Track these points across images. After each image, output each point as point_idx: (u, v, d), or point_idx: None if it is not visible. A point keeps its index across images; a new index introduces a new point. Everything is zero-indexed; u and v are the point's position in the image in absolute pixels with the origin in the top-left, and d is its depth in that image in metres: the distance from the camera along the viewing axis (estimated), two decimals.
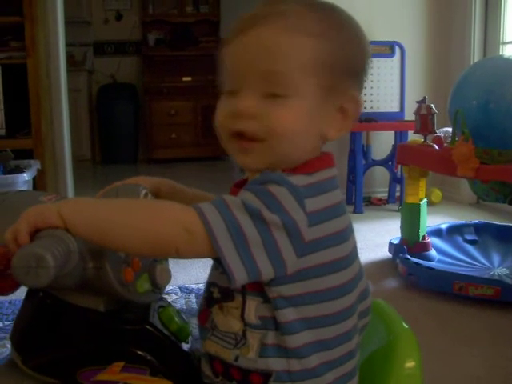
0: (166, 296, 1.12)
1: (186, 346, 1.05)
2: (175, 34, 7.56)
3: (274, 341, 0.85)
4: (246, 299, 0.86)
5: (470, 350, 2.28)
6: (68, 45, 4.65)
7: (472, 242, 3.33)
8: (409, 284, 2.89)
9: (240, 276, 0.79)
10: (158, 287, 1.01)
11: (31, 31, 3.93)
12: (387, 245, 3.25)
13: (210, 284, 0.94)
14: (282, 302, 0.84)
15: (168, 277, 1.02)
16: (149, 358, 0.99)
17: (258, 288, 0.85)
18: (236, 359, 0.88)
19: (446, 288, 2.71)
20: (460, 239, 3.37)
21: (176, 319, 1.03)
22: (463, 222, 3.58)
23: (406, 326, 1.09)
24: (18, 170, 3.55)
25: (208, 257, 0.82)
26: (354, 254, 0.92)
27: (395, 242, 3.18)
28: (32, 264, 0.75)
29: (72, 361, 0.98)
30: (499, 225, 3.47)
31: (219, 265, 0.82)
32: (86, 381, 0.98)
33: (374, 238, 3.64)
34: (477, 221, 3.59)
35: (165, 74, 7.35)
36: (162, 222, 0.81)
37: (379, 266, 3.19)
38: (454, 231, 3.43)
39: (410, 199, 3.13)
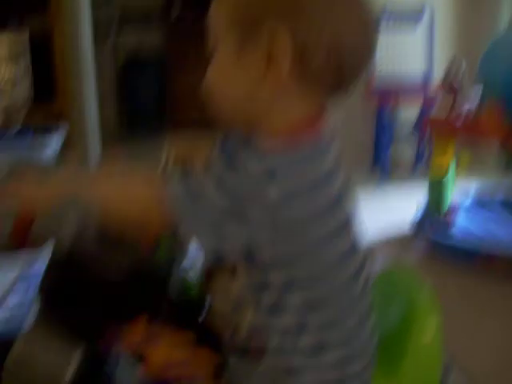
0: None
1: None
2: None
3: (268, 302, 0.87)
4: (236, 265, 0.89)
5: (493, 322, 2.30)
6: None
7: (496, 217, 3.29)
8: (432, 257, 2.87)
9: (211, 246, 0.81)
10: (177, 255, 1.02)
11: None
12: (411, 217, 3.22)
13: None
14: (267, 266, 0.85)
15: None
16: (167, 324, 1.01)
17: (246, 254, 0.85)
18: (236, 324, 0.91)
19: (468, 262, 2.70)
20: (484, 214, 3.33)
21: (194, 289, 1.05)
22: (489, 193, 3.54)
23: (428, 294, 1.09)
24: (47, 132, 3.60)
25: (180, 229, 0.81)
26: (344, 226, 0.90)
27: (418, 215, 3.15)
28: (52, 231, 0.77)
29: (94, 323, 1.00)
30: None
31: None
32: (106, 342, 1.00)
33: (398, 210, 3.60)
34: (502, 196, 3.54)
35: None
36: (131, 194, 0.84)
37: (402, 238, 3.16)
38: (477, 206, 3.39)
39: (436, 168, 3.07)
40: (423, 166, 4.38)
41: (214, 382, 1.03)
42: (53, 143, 3.47)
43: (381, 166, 4.39)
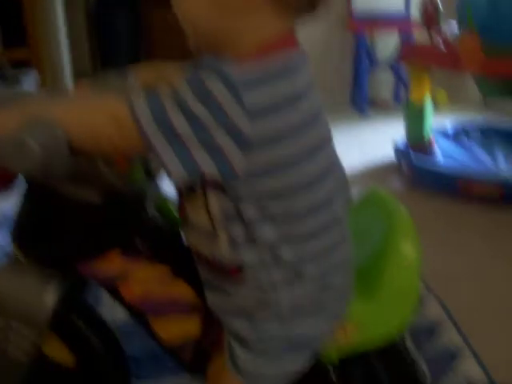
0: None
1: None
2: None
3: (242, 234, 0.85)
4: (207, 193, 0.85)
5: (473, 243, 2.34)
6: None
7: (478, 144, 3.29)
8: (413, 185, 2.89)
9: (177, 172, 0.77)
10: (152, 177, 1.00)
11: None
12: (392, 147, 3.22)
13: None
14: (241, 198, 0.82)
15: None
16: (146, 245, 0.99)
17: (217, 183, 0.82)
18: (211, 253, 0.89)
19: (450, 188, 2.71)
20: (466, 141, 3.34)
21: (173, 210, 1.03)
22: (469, 123, 3.54)
23: (405, 213, 1.08)
24: (16, 80, 3.49)
25: (145, 151, 0.78)
26: (318, 146, 0.86)
27: (400, 143, 3.16)
28: (15, 148, 0.74)
29: (70, 251, 0.99)
30: (505, 125, 3.42)
31: None
32: (84, 270, 0.99)
33: (379, 139, 3.61)
34: (483, 122, 3.55)
35: None
36: (93, 113, 0.80)
37: (383, 167, 3.18)
38: (459, 132, 3.40)
39: (413, 98, 3.06)
40: (403, 95, 4.36)
41: (193, 313, 1.03)
42: (25, 88, 3.38)
43: (360, 96, 4.36)
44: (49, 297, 1.01)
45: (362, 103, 4.34)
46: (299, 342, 0.92)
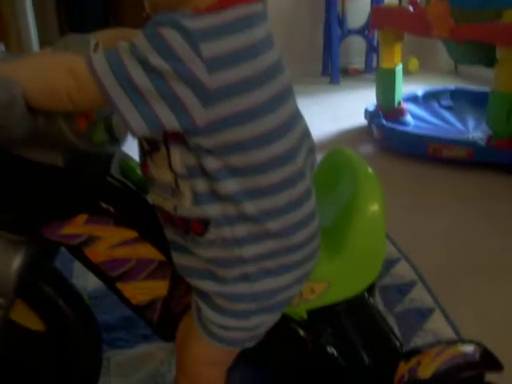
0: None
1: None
2: None
3: (205, 188, 0.84)
4: (170, 149, 0.84)
5: (443, 203, 2.38)
6: None
7: (448, 108, 3.32)
8: (384, 149, 2.91)
9: (138, 125, 0.76)
10: (115, 138, 0.98)
11: None
12: (363, 113, 3.23)
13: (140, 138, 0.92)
14: (203, 151, 0.82)
15: (127, 133, 0.99)
16: (111, 208, 0.99)
17: (179, 139, 0.82)
18: (175, 209, 0.88)
19: (420, 150, 2.74)
20: (436, 105, 3.36)
21: (138, 171, 1.02)
22: (440, 88, 3.56)
23: (371, 171, 1.09)
24: None
25: (104, 106, 0.77)
26: (280, 98, 0.85)
27: (371, 108, 3.17)
28: None
29: (34, 216, 0.98)
30: (475, 90, 3.45)
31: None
32: (50, 235, 0.98)
33: (351, 107, 3.62)
34: (453, 87, 3.57)
35: None
36: (50, 68, 0.79)
37: (355, 133, 3.20)
38: (430, 97, 3.41)
39: (384, 64, 3.08)
40: (375, 64, 4.36)
41: (159, 275, 1.03)
42: None
43: (332, 65, 4.35)
44: (14, 262, 1.00)
45: (333, 71, 4.34)
46: (265, 300, 0.93)
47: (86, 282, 1.72)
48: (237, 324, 0.94)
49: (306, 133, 0.94)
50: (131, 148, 1.00)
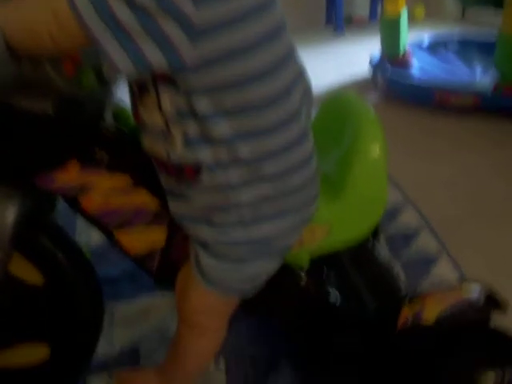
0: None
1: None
2: None
3: (197, 132, 0.81)
4: (159, 90, 0.81)
5: (450, 151, 2.35)
6: None
7: (455, 55, 3.24)
8: (390, 98, 2.86)
9: (123, 64, 0.73)
10: (105, 83, 0.95)
11: None
12: (368, 62, 3.17)
13: (129, 82, 0.89)
14: (193, 92, 0.78)
15: (118, 77, 0.96)
16: (105, 156, 0.96)
17: (168, 79, 0.79)
18: (168, 155, 0.86)
19: (426, 99, 2.69)
20: (443, 52, 3.28)
21: (131, 119, 0.99)
22: (446, 35, 3.48)
23: (372, 114, 1.06)
24: None
25: (87, 44, 0.73)
26: (272, 34, 0.81)
27: (376, 57, 3.10)
28: None
29: (26, 166, 0.96)
30: (483, 36, 3.36)
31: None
32: (44, 185, 0.96)
33: (355, 56, 3.54)
34: (460, 33, 3.48)
35: None
36: (29, 7, 0.75)
37: (360, 83, 3.13)
38: (436, 45, 3.34)
39: (388, 12, 2.99)
40: (379, 12, 4.27)
41: (157, 222, 1.01)
42: None
43: (336, 14, 4.26)
44: (9, 214, 0.99)
45: (337, 21, 4.25)
46: (262, 246, 0.91)
47: (89, 237, 1.71)
48: (233, 269, 0.92)
49: (301, 73, 0.90)
50: (127, 97, 0.97)
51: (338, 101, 1.16)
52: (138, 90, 0.85)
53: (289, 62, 0.85)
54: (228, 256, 0.91)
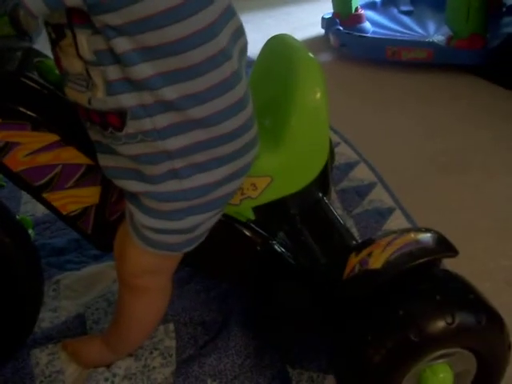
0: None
1: None
2: None
3: (118, 75, 0.76)
4: (76, 33, 0.75)
5: (404, 105, 2.33)
6: None
7: (407, 13, 3.20)
8: (343, 56, 2.82)
9: (34, 3, 0.68)
10: (23, 32, 0.89)
11: None
12: (321, 17, 3.12)
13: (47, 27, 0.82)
14: (111, 31, 0.72)
15: (35, 23, 0.89)
16: (28, 111, 0.90)
17: (84, 20, 0.73)
18: (89, 102, 0.80)
19: (379, 55, 2.65)
20: (395, 11, 3.23)
21: (56, 71, 0.92)
22: None
23: (311, 56, 1.01)
24: None
25: None
26: None
27: (327, 16, 3.05)
28: None
29: None
30: None
31: None
32: None
33: (307, 17, 3.48)
34: None
35: None
36: None
37: (313, 42, 3.08)
38: (389, 3, 3.28)
39: None
40: None
41: (88, 181, 0.96)
42: None
43: None
44: None
45: None
46: (198, 199, 0.86)
47: (35, 207, 1.64)
48: (170, 226, 0.87)
49: (231, 9, 0.84)
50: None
51: (276, 43, 1.11)
52: (55, 35, 0.79)
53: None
54: (162, 211, 0.86)
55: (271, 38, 1.11)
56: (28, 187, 0.95)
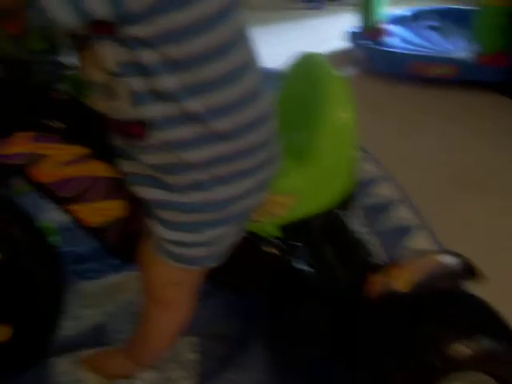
0: None
1: None
2: None
3: (142, 86, 0.77)
4: (99, 44, 0.76)
5: (430, 122, 2.32)
6: None
7: (435, 28, 3.19)
8: (368, 71, 2.82)
9: (63, 14, 0.69)
10: (53, 46, 0.90)
11: None
12: (346, 32, 3.11)
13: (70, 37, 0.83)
14: (136, 43, 0.73)
15: (64, 36, 0.90)
16: (58, 124, 0.91)
17: (109, 31, 0.74)
18: (114, 112, 0.81)
19: (404, 69, 2.65)
20: (423, 26, 3.23)
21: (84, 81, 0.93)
22: (427, 8, 3.42)
23: (339, 75, 1.01)
24: None
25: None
26: None
27: (353, 30, 3.04)
28: None
29: None
30: (464, 9, 3.31)
31: None
32: None
33: (333, 30, 3.48)
34: (441, 6, 3.43)
35: None
36: None
37: (338, 56, 3.08)
38: (417, 18, 3.28)
39: None
40: None
41: (115, 194, 0.96)
42: None
43: None
44: None
45: None
46: (218, 211, 0.86)
47: (58, 215, 1.65)
48: (190, 238, 0.88)
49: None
50: None
51: (307, 64, 1.11)
52: (82, 47, 0.80)
53: (234, 11, 0.80)
54: (181, 222, 0.86)
55: (299, 55, 1.11)
56: (54, 198, 0.96)
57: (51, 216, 1.65)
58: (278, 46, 3.08)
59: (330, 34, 3.45)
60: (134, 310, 1.29)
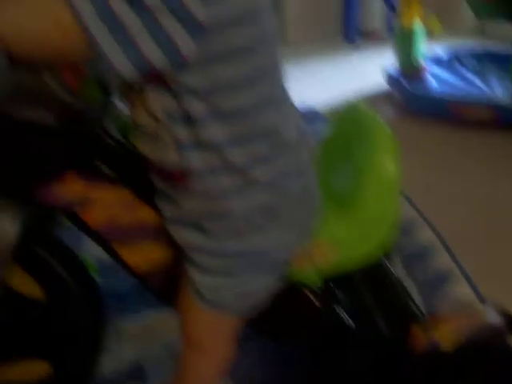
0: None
1: None
2: None
3: (188, 136, 0.78)
4: (147, 92, 0.77)
5: (467, 167, 2.30)
6: None
7: (473, 71, 3.18)
8: (406, 112, 2.81)
9: (122, 64, 0.69)
10: (109, 94, 0.92)
11: None
12: (383, 75, 3.12)
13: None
14: (186, 93, 0.75)
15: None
16: (108, 169, 0.93)
17: (158, 79, 0.75)
18: (156, 157, 0.83)
19: (443, 113, 2.64)
20: (459, 66, 3.23)
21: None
22: (465, 49, 3.42)
23: (385, 126, 1.02)
24: None
25: (91, 52, 0.69)
26: (270, 36, 0.79)
27: (391, 70, 3.05)
28: None
29: (25, 179, 0.92)
30: (500, 50, 3.30)
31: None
32: (44, 199, 0.92)
33: (370, 69, 3.49)
34: (477, 47, 3.42)
35: None
36: (33, 16, 0.69)
37: (376, 96, 3.08)
38: (453, 58, 3.28)
39: (403, 23, 2.93)
40: (393, 24, 4.21)
41: (160, 238, 0.98)
42: None
43: (351, 27, 4.22)
44: (9, 227, 0.95)
45: (352, 34, 4.20)
46: (257, 259, 0.87)
47: (99, 251, 1.68)
48: (227, 286, 0.88)
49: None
50: None
51: (351, 114, 1.12)
52: (131, 91, 0.81)
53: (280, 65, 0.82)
54: (220, 269, 0.87)
55: (346, 106, 1.12)
56: (103, 242, 0.98)
57: (93, 251, 1.68)
58: (313, 80, 3.11)
59: (367, 72, 3.45)
60: (174, 348, 1.30)
